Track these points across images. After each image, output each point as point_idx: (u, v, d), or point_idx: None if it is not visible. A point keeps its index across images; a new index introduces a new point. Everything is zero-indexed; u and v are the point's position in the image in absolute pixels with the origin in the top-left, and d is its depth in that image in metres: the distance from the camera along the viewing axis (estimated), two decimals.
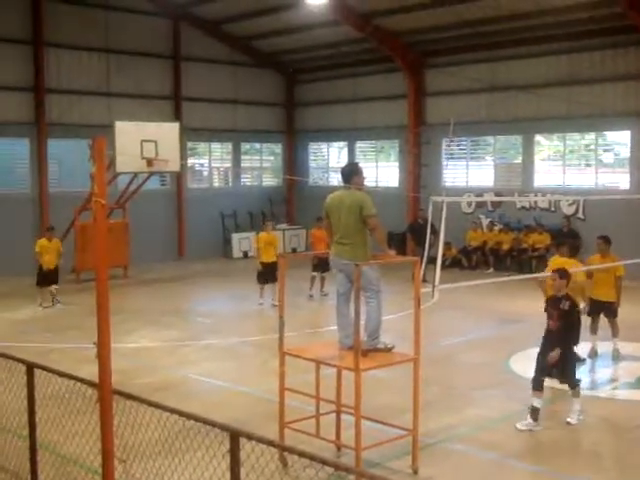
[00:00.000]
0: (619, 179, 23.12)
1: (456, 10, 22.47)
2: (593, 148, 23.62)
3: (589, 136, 23.72)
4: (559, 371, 9.63)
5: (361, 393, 7.65)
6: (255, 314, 17.61)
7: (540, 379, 9.58)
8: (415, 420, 8.13)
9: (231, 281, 22.94)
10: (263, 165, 31.11)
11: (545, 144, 25.19)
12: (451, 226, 12.06)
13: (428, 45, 25.48)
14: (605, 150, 23.89)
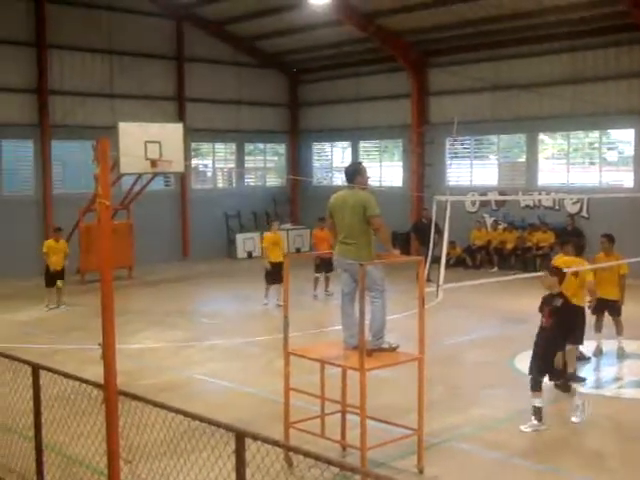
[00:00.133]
0: (623, 177, 23.08)
1: (458, 9, 22.45)
2: (597, 146, 23.58)
3: (593, 134, 23.69)
4: (552, 371, 9.58)
5: (366, 393, 7.65)
6: (260, 314, 17.62)
7: (537, 379, 9.54)
8: (420, 420, 8.12)
9: (235, 281, 22.96)
10: (267, 165, 31.10)
11: (549, 143, 25.15)
12: (455, 225, 12.04)
13: (431, 44, 25.47)
14: (609, 148, 23.85)
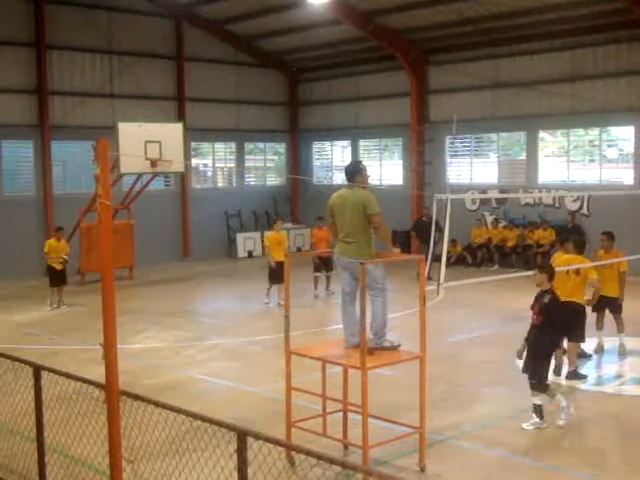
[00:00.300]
0: (623, 174, 23.07)
1: (458, 7, 22.45)
2: (597, 144, 23.56)
3: (593, 132, 23.69)
4: (530, 368, 9.56)
5: (367, 391, 7.66)
6: (261, 314, 17.62)
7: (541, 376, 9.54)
8: (422, 418, 8.13)
9: (236, 281, 22.99)
10: (267, 165, 31.12)
11: (549, 140, 25.14)
12: (455, 223, 12.04)
13: (430, 43, 25.47)
14: (609, 145, 23.84)
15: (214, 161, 29.40)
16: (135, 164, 20.18)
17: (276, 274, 17.44)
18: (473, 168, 25.89)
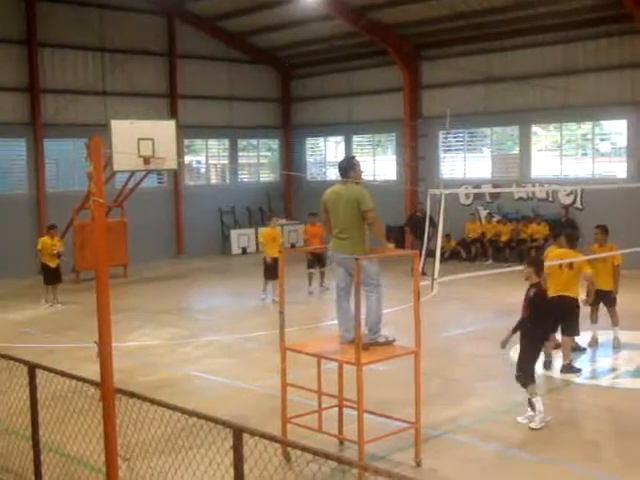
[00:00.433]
0: (616, 168, 23.12)
1: (450, 2, 22.48)
2: (590, 138, 23.61)
3: (586, 126, 23.72)
4: (518, 360, 9.57)
5: (363, 387, 7.66)
6: (255, 310, 17.61)
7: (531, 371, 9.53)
8: (417, 413, 8.14)
9: (230, 277, 22.98)
10: (260, 161, 31.10)
11: (542, 134, 25.18)
12: (449, 218, 12.08)
13: (423, 37, 25.47)
14: (602, 139, 23.88)
15: (207, 158, 29.37)
16: (128, 161, 20.15)
17: (271, 270, 17.44)
18: (466, 163, 25.93)
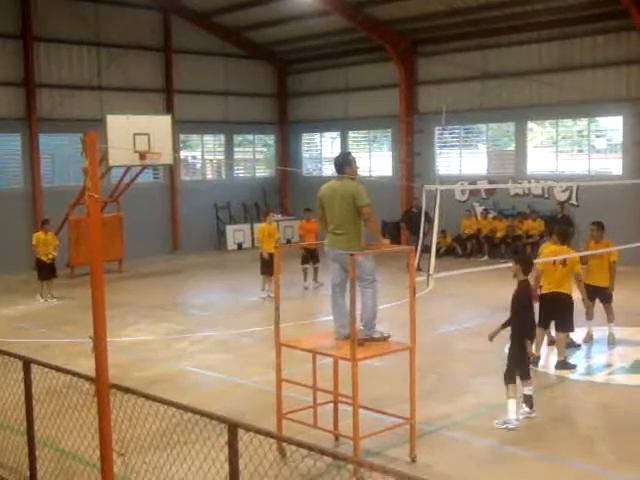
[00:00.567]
0: (612, 165, 23.14)
1: None
2: (585, 134, 23.64)
3: (581, 122, 23.74)
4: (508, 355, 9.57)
5: (358, 382, 7.67)
6: (251, 306, 17.60)
7: (524, 368, 9.50)
8: (412, 408, 8.14)
9: (226, 273, 22.98)
10: (256, 156, 31.07)
11: (537, 131, 25.18)
12: (445, 214, 12.05)
13: (419, 34, 25.44)
14: (597, 136, 23.90)
15: (203, 153, 29.34)
16: (124, 157, 20.13)
17: (267, 266, 17.42)
18: (462, 159, 25.93)
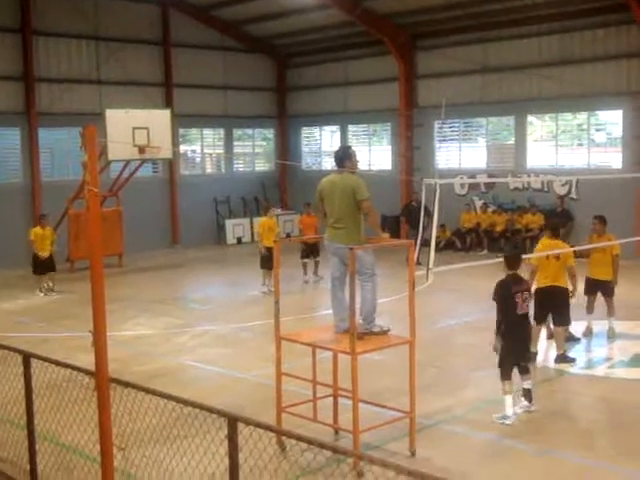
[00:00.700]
0: (611, 158, 23.12)
1: None
2: (585, 128, 23.62)
3: (581, 116, 23.73)
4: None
5: (357, 376, 7.67)
6: (251, 300, 17.59)
7: (521, 364, 9.49)
8: (412, 402, 8.14)
9: (226, 267, 22.97)
10: (255, 150, 31.05)
11: (537, 124, 25.16)
12: (444, 208, 12.03)
13: (418, 27, 25.39)
14: (597, 130, 23.88)
15: (202, 147, 29.32)
16: (123, 151, 20.11)
17: (267, 260, 17.40)
18: (462, 153, 25.91)
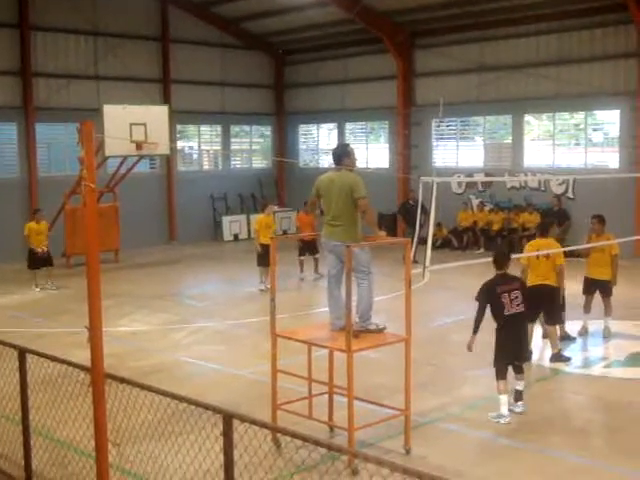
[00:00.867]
0: (608, 158, 23.14)
1: None
2: (582, 127, 23.64)
3: (578, 115, 23.75)
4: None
5: (353, 374, 7.67)
6: (247, 297, 17.59)
7: (514, 363, 9.50)
8: (407, 400, 8.15)
9: (222, 264, 22.96)
10: (253, 147, 31.03)
11: (534, 124, 25.18)
12: (441, 207, 12.07)
13: (417, 25, 25.38)
14: (594, 129, 23.89)
15: (200, 144, 29.29)
16: (120, 146, 20.07)
17: (263, 257, 17.37)
18: (459, 151, 25.92)
